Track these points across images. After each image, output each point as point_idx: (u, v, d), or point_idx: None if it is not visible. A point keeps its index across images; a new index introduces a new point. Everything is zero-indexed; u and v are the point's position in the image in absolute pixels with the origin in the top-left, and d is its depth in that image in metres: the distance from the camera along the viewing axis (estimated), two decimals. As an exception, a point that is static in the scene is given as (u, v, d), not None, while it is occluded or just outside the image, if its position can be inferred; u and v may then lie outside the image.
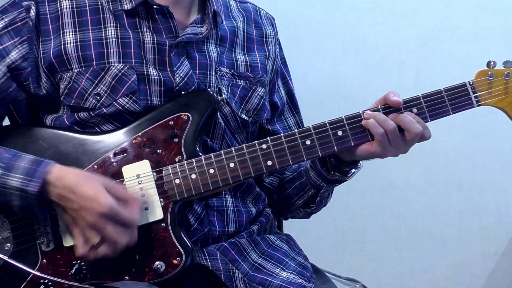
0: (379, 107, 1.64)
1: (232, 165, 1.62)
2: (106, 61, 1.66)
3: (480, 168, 3.11)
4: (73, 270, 1.57)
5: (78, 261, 1.58)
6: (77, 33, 1.67)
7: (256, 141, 1.63)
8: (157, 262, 1.58)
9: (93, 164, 1.62)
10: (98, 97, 1.65)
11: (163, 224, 1.59)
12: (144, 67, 1.67)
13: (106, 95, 1.65)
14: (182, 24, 1.73)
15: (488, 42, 3.00)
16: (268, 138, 1.63)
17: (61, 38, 1.66)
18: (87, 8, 1.69)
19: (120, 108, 1.65)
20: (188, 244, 1.59)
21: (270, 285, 1.67)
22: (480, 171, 3.11)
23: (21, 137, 1.64)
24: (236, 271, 1.67)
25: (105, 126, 1.66)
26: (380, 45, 3.01)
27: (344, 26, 2.98)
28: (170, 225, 1.59)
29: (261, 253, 1.75)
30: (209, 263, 1.66)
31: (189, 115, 1.64)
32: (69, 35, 1.66)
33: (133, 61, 1.67)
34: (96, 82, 1.65)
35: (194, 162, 1.62)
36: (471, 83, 1.66)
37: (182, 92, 1.68)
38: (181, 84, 1.68)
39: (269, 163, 1.62)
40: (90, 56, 1.66)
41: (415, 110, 1.64)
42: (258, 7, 1.92)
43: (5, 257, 1.58)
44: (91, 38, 1.67)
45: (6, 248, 1.60)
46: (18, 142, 1.64)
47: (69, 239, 1.59)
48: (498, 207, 3.14)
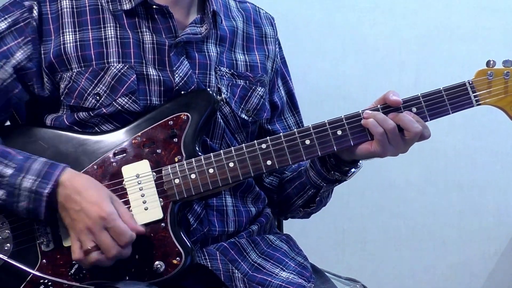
0: (379, 106, 1.64)
1: (231, 164, 1.62)
2: (105, 61, 1.66)
3: (480, 168, 3.10)
4: (72, 270, 1.57)
5: (78, 261, 1.59)
6: (77, 33, 1.67)
7: (255, 141, 1.63)
8: (157, 262, 1.58)
9: (93, 164, 1.61)
10: (98, 97, 1.65)
11: (162, 224, 1.59)
12: (144, 67, 1.67)
13: (105, 95, 1.65)
14: (181, 24, 1.73)
15: (488, 42, 3.00)
16: (268, 137, 1.63)
17: (61, 38, 1.66)
18: (87, 8, 1.69)
19: (119, 108, 1.65)
20: (188, 244, 1.59)
21: (269, 285, 1.67)
22: (480, 171, 3.11)
23: (21, 137, 1.64)
24: (236, 271, 1.67)
25: (105, 126, 1.66)
26: (380, 45, 3.00)
27: (344, 26, 2.98)
28: (170, 225, 1.59)
29: (260, 253, 1.75)
30: (208, 263, 1.66)
31: (189, 115, 1.64)
32: (69, 35, 1.66)
33: (132, 61, 1.67)
34: (95, 82, 1.65)
35: (193, 162, 1.61)
36: (470, 82, 1.66)
37: (182, 92, 1.68)
38: (180, 84, 1.68)
39: (269, 162, 1.62)
40: (90, 56, 1.66)
41: (414, 109, 1.64)
42: (257, 7, 1.92)
43: (5, 257, 1.58)
44: (90, 38, 1.67)
45: (6, 248, 1.59)
46: (18, 142, 1.63)
47: (69, 239, 1.58)
48: (498, 207, 3.13)
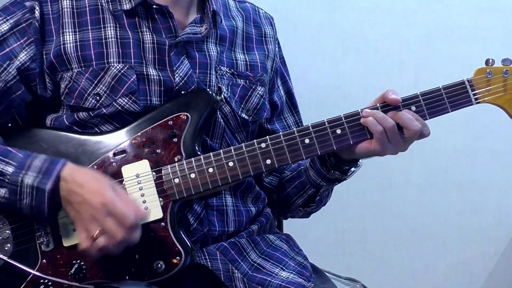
0: (378, 105, 1.64)
1: (231, 164, 1.62)
2: (105, 61, 1.66)
3: (480, 168, 3.10)
4: (73, 270, 1.58)
5: (78, 261, 1.58)
6: (77, 33, 1.67)
7: (255, 140, 1.63)
8: (157, 262, 1.58)
9: (93, 164, 1.61)
10: (98, 97, 1.65)
11: (162, 224, 1.59)
12: (144, 67, 1.67)
13: (105, 95, 1.65)
14: (181, 23, 1.73)
15: (488, 42, 3.00)
16: (267, 137, 1.63)
17: (61, 38, 1.66)
18: (87, 8, 1.69)
19: (119, 108, 1.65)
20: (188, 243, 1.59)
21: (269, 285, 1.67)
22: (480, 171, 3.11)
23: (21, 138, 1.65)
24: (236, 271, 1.67)
25: (105, 126, 1.66)
26: (380, 45, 3.01)
27: (344, 26, 2.98)
28: (170, 224, 1.59)
29: (260, 253, 1.75)
30: (208, 263, 1.66)
31: (188, 115, 1.65)
32: (69, 35, 1.66)
33: (132, 61, 1.67)
34: (95, 82, 1.65)
35: (193, 161, 1.61)
36: (469, 80, 1.66)
37: (182, 92, 1.68)
38: (181, 83, 1.68)
39: (268, 162, 1.62)
40: (90, 56, 1.66)
41: (413, 108, 1.64)
42: (257, 6, 1.92)
43: (5, 258, 1.58)
44: (90, 38, 1.67)
45: (6, 248, 1.59)
46: (18, 143, 1.63)
47: (69, 239, 1.59)
48: (498, 207, 3.13)
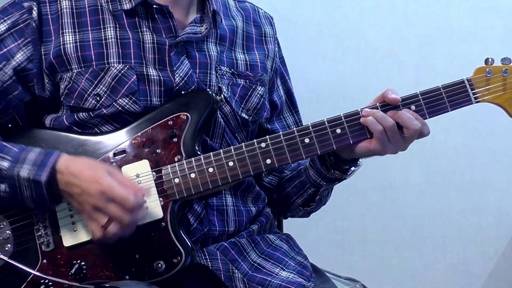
0: (377, 104, 1.64)
1: (231, 164, 1.62)
2: (105, 61, 1.66)
3: (480, 168, 3.10)
4: (73, 270, 1.58)
5: (78, 261, 1.59)
6: (77, 33, 1.67)
7: (255, 140, 1.63)
8: (157, 261, 1.58)
9: (93, 164, 1.62)
10: (98, 98, 1.65)
11: (162, 224, 1.59)
12: (144, 67, 1.67)
13: (105, 95, 1.65)
14: (181, 23, 1.73)
15: (488, 42, 3.00)
16: (267, 136, 1.63)
17: (61, 38, 1.66)
18: (87, 8, 1.69)
19: (120, 108, 1.65)
20: (188, 243, 1.59)
21: (269, 285, 1.67)
22: (480, 171, 3.10)
23: (21, 138, 1.64)
24: (236, 271, 1.67)
25: (105, 126, 1.66)
26: (380, 45, 3.01)
27: (344, 26, 2.98)
28: (170, 224, 1.59)
29: (260, 253, 1.75)
30: (209, 262, 1.66)
31: (188, 115, 1.65)
32: (69, 35, 1.66)
33: (132, 61, 1.67)
34: (95, 82, 1.65)
35: (193, 161, 1.62)
36: (469, 80, 1.66)
37: (182, 92, 1.68)
38: (181, 84, 1.68)
39: (268, 161, 1.62)
40: (90, 57, 1.66)
41: (413, 107, 1.63)
42: (256, 6, 1.92)
43: (6, 258, 1.58)
44: (90, 39, 1.67)
45: (7, 248, 1.60)
46: (18, 143, 1.62)
47: (69, 239, 1.59)
48: (498, 207, 3.13)
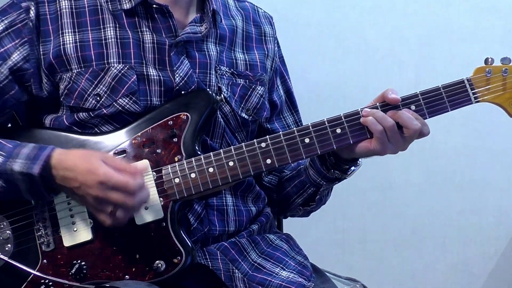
0: (377, 104, 1.64)
1: (231, 164, 1.62)
2: (105, 61, 1.66)
3: (480, 168, 3.10)
4: (73, 270, 1.58)
5: (79, 261, 1.59)
6: (76, 33, 1.67)
7: (255, 140, 1.63)
8: (157, 261, 1.58)
9: (93, 164, 1.62)
10: (98, 98, 1.65)
11: (163, 223, 1.59)
12: (144, 67, 1.67)
13: (106, 95, 1.65)
14: (181, 23, 1.73)
15: (488, 42, 3.00)
16: (267, 136, 1.63)
17: (60, 38, 1.66)
18: (86, 8, 1.69)
19: (120, 108, 1.65)
20: (188, 243, 1.59)
21: (269, 285, 1.67)
22: (480, 171, 3.10)
23: (21, 138, 1.64)
24: (236, 271, 1.67)
25: (105, 126, 1.67)
26: (380, 45, 3.01)
27: (344, 26, 2.98)
28: (170, 224, 1.59)
29: (261, 252, 1.75)
30: (209, 262, 1.66)
31: (188, 115, 1.65)
32: (68, 35, 1.66)
33: (132, 61, 1.67)
34: (95, 82, 1.65)
35: (193, 161, 1.62)
36: (469, 79, 1.66)
37: (182, 92, 1.68)
38: (181, 83, 1.68)
39: (268, 161, 1.62)
40: (90, 57, 1.66)
41: (413, 107, 1.63)
42: (256, 6, 1.91)
43: (6, 258, 1.58)
44: (90, 39, 1.67)
45: (7, 248, 1.60)
46: (16, 142, 1.64)
47: (69, 239, 1.59)
48: (498, 207, 3.13)
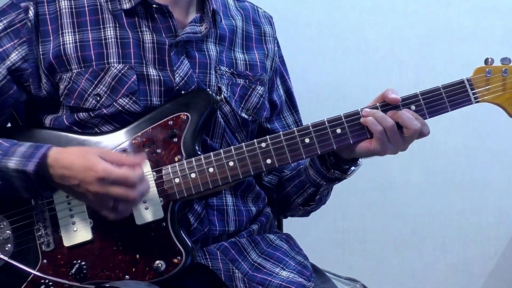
0: (378, 104, 1.64)
1: (231, 164, 1.62)
2: (105, 61, 1.66)
3: (480, 168, 3.10)
4: (73, 270, 1.58)
5: (79, 261, 1.59)
6: (76, 33, 1.67)
7: (255, 140, 1.63)
8: (157, 261, 1.58)
9: (93, 164, 1.62)
10: (98, 98, 1.65)
11: (163, 223, 1.59)
12: (144, 67, 1.67)
13: (106, 95, 1.65)
14: (181, 23, 1.73)
15: (488, 42, 3.00)
16: (267, 136, 1.63)
17: (60, 38, 1.66)
18: (86, 8, 1.69)
19: (120, 108, 1.65)
20: (188, 243, 1.59)
21: (269, 285, 1.67)
22: (480, 171, 3.11)
23: (21, 138, 1.63)
24: (236, 270, 1.67)
25: (105, 126, 1.67)
26: (380, 45, 3.01)
27: (344, 26, 2.98)
28: (170, 224, 1.59)
29: (261, 252, 1.75)
30: (209, 262, 1.66)
31: (188, 114, 1.65)
32: (68, 35, 1.66)
33: (132, 61, 1.67)
34: (95, 82, 1.65)
35: (193, 161, 1.62)
36: (469, 79, 1.66)
37: (182, 92, 1.68)
38: (181, 83, 1.68)
39: (269, 161, 1.62)
40: (90, 57, 1.66)
41: (413, 107, 1.63)
42: (256, 6, 1.91)
43: (6, 258, 1.58)
44: (90, 39, 1.67)
45: (7, 248, 1.60)
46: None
47: (69, 239, 1.59)
48: (498, 207, 3.13)
